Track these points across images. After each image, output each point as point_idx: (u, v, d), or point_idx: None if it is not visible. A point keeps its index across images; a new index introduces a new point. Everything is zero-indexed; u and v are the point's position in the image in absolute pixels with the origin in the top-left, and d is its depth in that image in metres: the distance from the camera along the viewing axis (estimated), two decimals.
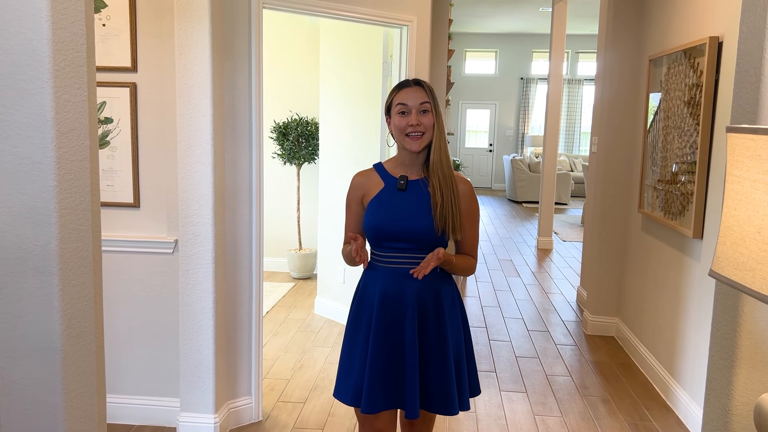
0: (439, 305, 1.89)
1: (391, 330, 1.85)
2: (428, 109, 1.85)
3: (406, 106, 1.84)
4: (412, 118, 1.83)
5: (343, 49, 4.41)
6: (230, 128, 2.78)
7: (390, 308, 1.86)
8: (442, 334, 1.88)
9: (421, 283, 1.86)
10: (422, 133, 1.84)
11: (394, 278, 1.87)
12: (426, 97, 1.85)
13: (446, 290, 1.93)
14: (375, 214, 1.88)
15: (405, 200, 1.88)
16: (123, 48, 2.77)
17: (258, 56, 2.76)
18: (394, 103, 1.88)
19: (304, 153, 5.40)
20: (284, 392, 3.36)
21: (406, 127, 1.84)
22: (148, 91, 2.79)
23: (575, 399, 3.37)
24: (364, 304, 1.92)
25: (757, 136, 0.91)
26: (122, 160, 2.85)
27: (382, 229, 1.86)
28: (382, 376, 1.84)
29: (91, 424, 1.57)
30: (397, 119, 1.86)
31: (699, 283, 3.01)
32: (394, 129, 1.89)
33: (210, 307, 2.73)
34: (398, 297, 1.86)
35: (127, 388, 2.94)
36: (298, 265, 5.67)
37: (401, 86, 1.90)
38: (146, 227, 2.87)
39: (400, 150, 1.92)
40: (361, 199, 1.96)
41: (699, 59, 3.02)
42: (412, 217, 1.85)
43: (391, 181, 1.91)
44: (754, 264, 0.91)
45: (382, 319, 1.86)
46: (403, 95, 1.86)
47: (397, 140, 1.89)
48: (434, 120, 1.86)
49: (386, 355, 1.85)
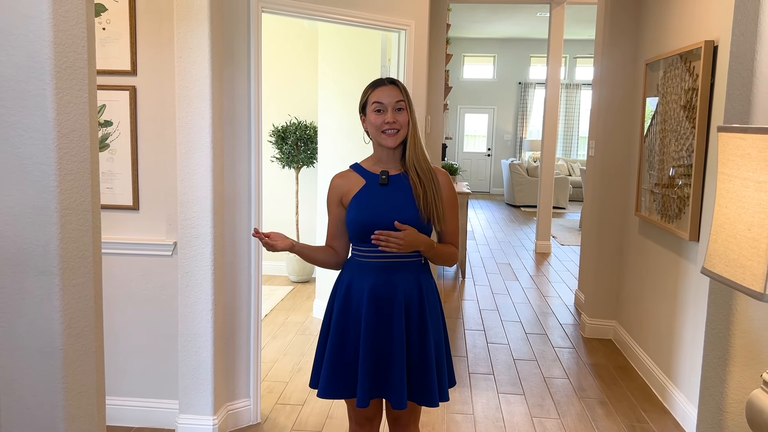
0: (422, 298, 1.94)
1: (381, 324, 1.90)
2: (403, 107, 1.91)
3: (382, 104, 1.90)
4: (388, 116, 1.89)
5: (341, 54, 4.44)
6: (229, 131, 2.79)
7: (379, 303, 1.90)
8: (424, 327, 1.93)
9: (407, 275, 1.92)
10: (397, 130, 1.90)
11: (381, 273, 1.92)
12: (401, 96, 1.92)
13: (428, 282, 1.98)
14: (359, 209, 1.93)
15: (388, 194, 1.93)
16: (123, 51, 2.79)
17: (257, 60, 2.78)
18: (369, 101, 1.93)
19: (302, 157, 5.42)
20: (283, 394, 3.37)
21: (383, 125, 1.90)
22: (147, 95, 2.81)
23: (573, 401, 3.38)
24: (350, 301, 1.95)
25: (747, 135, 0.92)
26: (122, 163, 2.86)
27: (368, 224, 1.89)
28: (373, 369, 1.89)
29: (91, 424, 1.58)
30: (373, 117, 1.91)
31: (695, 286, 3.03)
32: (369, 126, 1.95)
33: (209, 309, 2.74)
34: (387, 291, 1.91)
35: (126, 390, 2.95)
36: (296, 268, 5.68)
37: (376, 85, 1.95)
38: (145, 229, 2.88)
39: (376, 148, 1.98)
40: (340, 200, 2.00)
41: (695, 63, 3.05)
42: (397, 210, 1.89)
43: (373, 178, 1.96)
44: (745, 261, 0.93)
45: (373, 315, 1.90)
46: (379, 94, 1.92)
47: (373, 137, 1.96)
48: (408, 117, 1.92)
49: (377, 348, 1.90)
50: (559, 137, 13.72)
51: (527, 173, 11.52)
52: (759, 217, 0.90)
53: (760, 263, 0.90)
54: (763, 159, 0.90)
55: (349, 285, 1.96)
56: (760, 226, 0.90)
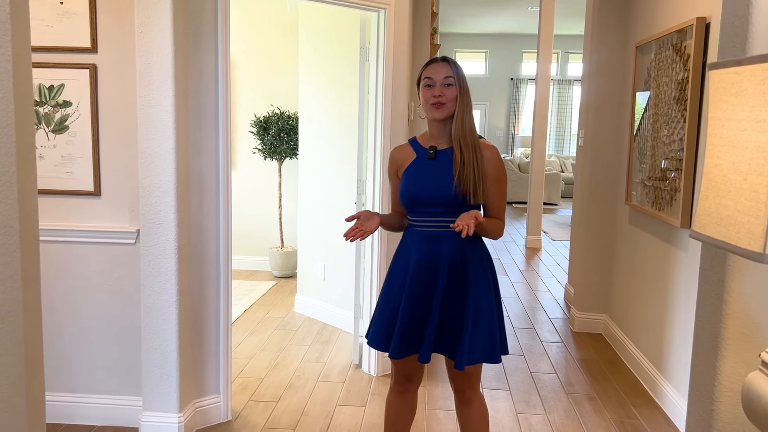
0: (465, 265, 2.03)
1: (422, 288, 2.03)
2: (452, 83, 2.01)
3: (432, 80, 2.02)
4: (435, 90, 2.00)
5: (322, 37, 4.29)
6: (195, 111, 2.64)
7: (423, 269, 2.03)
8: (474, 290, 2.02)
9: (451, 245, 2.02)
10: (443, 104, 2.00)
11: (426, 242, 2.05)
12: (450, 72, 2.02)
13: (473, 252, 2.06)
14: (407, 182, 2.08)
15: (433, 168, 2.05)
16: (82, 27, 2.63)
17: (225, 34, 2.62)
18: (422, 77, 2.06)
19: (285, 148, 5.26)
20: (257, 391, 3.21)
21: (431, 98, 2.01)
22: (109, 73, 2.65)
23: (560, 397, 3.24)
24: (401, 263, 2.11)
25: (743, 67, 0.78)
26: (82, 146, 2.70)
27: (413, 196, 2.05)
28: (408, 326, 2.03)
29: (18, 419, 1.43)
30: (423, 91, 2.04)
31: (686, 274, 2.90)
32: (422, 100, 2.06)
33: (173, 300, 2.58)
34: (431, 259, 2.03)
35: (86, 387, 2.78)
36: (279, 263, 5.52)
37: (430, 62, 2.07)
38: (108, 216, 2.73)
39: (429, 123, 2.09)
40: (396, 171, 2.15)
41: (686, 42, 2.92)
42: (436, 184, 2.02)
43: (422, 152, 2.10)
44: (740, 217, 0.78)
45: (415, 279, 2.04)
46: (430, 70, 2.04)
47: (425, 111, 2.06)
48: (457, 93, 2.01)
49: (415, 309, 2.03)
50: (551, 133, 13.61)
51: (519, 169, 11.38)
52: (757, 164, 0.76)
53: (758, 218, 0.76)
54: (762, 93, 0.76)
55: (402, 249, 2.13)
56: (758, 173, 0.76)
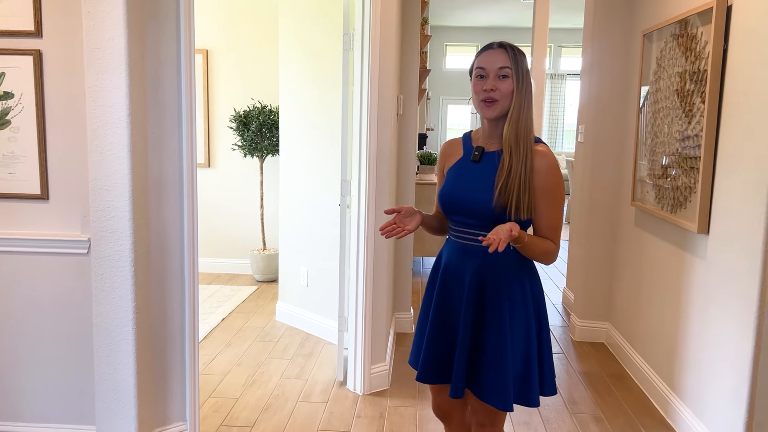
0: (498, 288, 1.74)
1: (447, 305, 1.82)
2: (508, 74, 1.70)
3: (484, 70, 1.72)
4: (487, 83, 1.71)
5: (303, 25, 3.97)
6: (153, 103, 2.32)
7: (449, 283, 1.82)
8: (499, 318, 1.73)
9: (482, 261, 1.74)
10: (495, 100, 1.70)
11: (456, 253, 1.82)
12: (507, 62, 1.70)
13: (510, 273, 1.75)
14: (446, 183, 1.83)
15: (475, 172, 1.77)
16: (24, 8, 2.31)
17: (188, 13, 2.30)
18: (474, 66, 1.76)
19: (266, 144, 4.94)
20: (230, 414, 2.91)
21: (481, 92, 1.72)
22: (56, 61, 2.33)
23: (563, 417, 2.96)
24: (435, 274, 1.90)
25: None
26: (26, 143, 2.38)
27: (448, 201, 1.80)
28: (435, 349, 1.83)
29: None
30: (474, 83, 1.74)
31: (703, 284, 2.62)
32: (472, 94, 1.77)
33: (129, 318, 2.27)
34: (457, 273, 1.79)
35: (32, 415, 2.47)
36: (261, 266, 5.21)
37: (484, 48, 1.76)
38: (56, 223, 2.40)
39: (482, 118, 1.79)
40: (443, 167, 1.92)
41: (703, 28, 2.63)
42: (474, 190, 1.74)
43: (469, 151, 1.83)
44: None
45: (441, 293, 1.83)
46: (483, 58, 1.73)
47: (475, 106, 1.77)
48: (513, 87, 1.70)
49: (441, 329, 1.83)
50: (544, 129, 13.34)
51: None
52: None
53: None
54: None
55: (438, 258, 1.91)
56: None
